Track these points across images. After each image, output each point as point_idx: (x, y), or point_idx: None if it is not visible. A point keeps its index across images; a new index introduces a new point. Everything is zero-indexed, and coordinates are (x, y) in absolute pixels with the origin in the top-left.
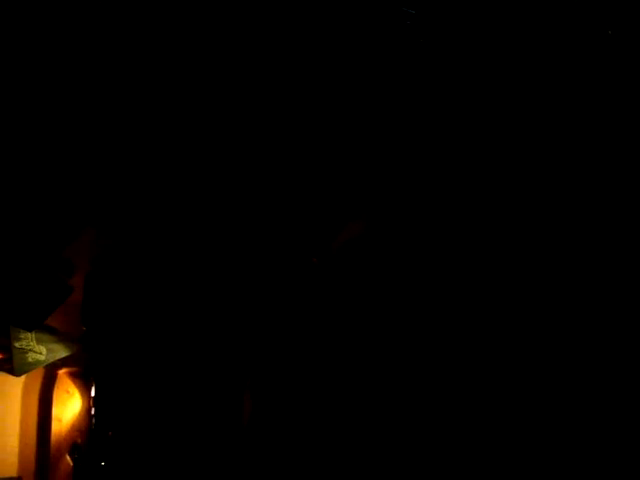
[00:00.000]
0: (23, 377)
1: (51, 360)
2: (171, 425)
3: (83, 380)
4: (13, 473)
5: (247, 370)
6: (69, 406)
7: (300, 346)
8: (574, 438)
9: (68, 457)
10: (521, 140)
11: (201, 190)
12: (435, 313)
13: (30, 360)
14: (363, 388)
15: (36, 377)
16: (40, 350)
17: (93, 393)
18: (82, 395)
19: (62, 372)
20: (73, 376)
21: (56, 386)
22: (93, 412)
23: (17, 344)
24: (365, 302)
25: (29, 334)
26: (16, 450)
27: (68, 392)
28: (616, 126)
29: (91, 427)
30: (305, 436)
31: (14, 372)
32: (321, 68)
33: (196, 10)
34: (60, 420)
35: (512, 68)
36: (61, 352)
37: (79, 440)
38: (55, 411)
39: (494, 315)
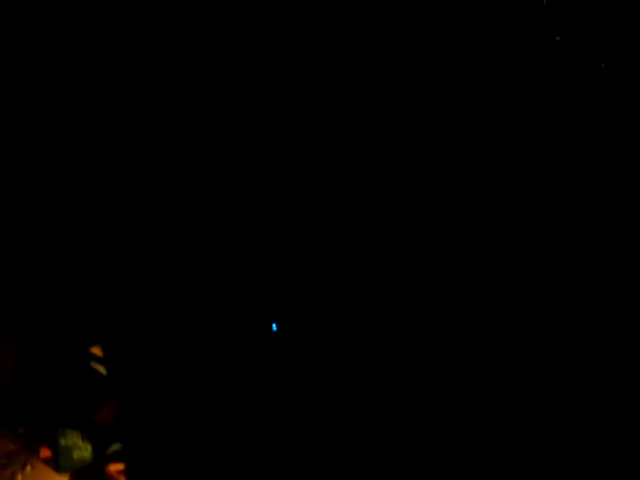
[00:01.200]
0: (68, 474)
1: (97, 457)
2: None
3: (129, 476)
4: None
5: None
6: None
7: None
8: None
9: None
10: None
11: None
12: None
13: (75, 458)
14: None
15: (82, 473)
16: (86, 447)
17: None
18: None
19: (109, 468)
20: (120, 472)
21: None
22: None
23: (62, 441)
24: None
25: (75, 431)
26: None
27: None
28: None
29: None
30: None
31: (59, 470)
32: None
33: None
34: None
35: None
36: (107, 448)
37: None
38: None
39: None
